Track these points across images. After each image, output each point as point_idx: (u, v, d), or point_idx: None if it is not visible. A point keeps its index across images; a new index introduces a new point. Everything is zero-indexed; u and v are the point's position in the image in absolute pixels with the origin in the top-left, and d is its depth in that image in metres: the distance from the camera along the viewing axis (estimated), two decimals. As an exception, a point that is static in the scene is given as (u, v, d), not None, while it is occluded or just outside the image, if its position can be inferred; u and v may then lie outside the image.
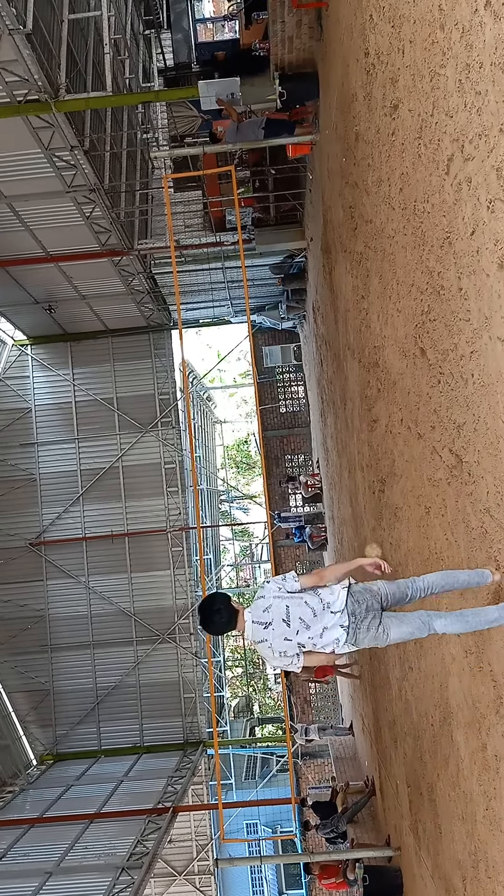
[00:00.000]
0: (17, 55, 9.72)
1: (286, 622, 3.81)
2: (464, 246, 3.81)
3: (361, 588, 3.86)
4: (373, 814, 11.87)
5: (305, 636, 3.79)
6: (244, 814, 22.04)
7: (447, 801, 5.53)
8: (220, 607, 3.91)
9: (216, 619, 3.91)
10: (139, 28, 16.05)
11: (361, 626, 3.78)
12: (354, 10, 6.63)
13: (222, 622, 3.91)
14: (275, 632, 3.83)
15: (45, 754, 20.60)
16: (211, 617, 3.92)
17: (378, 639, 3.82)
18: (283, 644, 3.83)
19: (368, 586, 3.89)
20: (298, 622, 3.79)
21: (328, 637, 3.78)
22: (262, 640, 3.86)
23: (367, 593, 3.83)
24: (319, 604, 3.80)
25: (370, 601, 3.81)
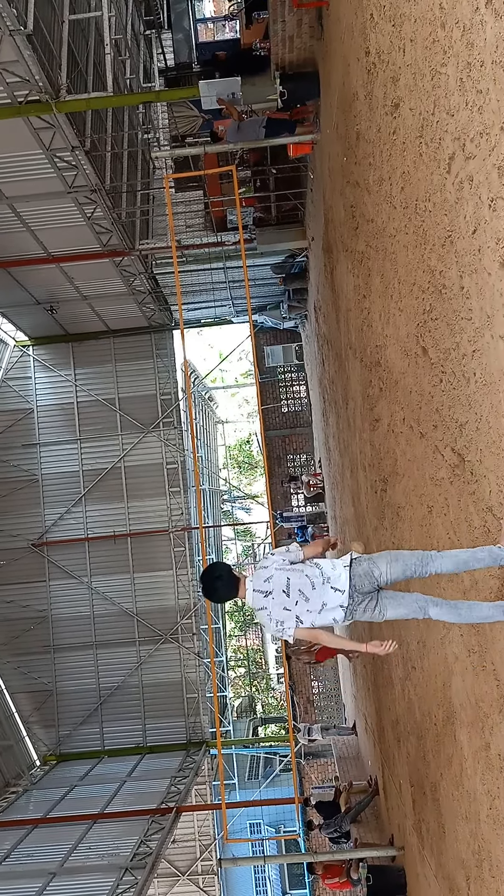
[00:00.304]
0: (18, 56, 9.73)
1: (286, 593, 3.91)
2: (465, 245, 3.80)
3: (363, 572, 3.91)
4: (376, 813, 11.87)
5: (304, 608, 3.89)
6: (247, 814, 22.04)
7: (451, 801, 5.52)
8: (221, 575, 4.01)
9: (218, 586, 4.01)
10: (140, 28, 16.05)
11: (358, 608, 3.89)
12: (355, 9, 6.62)
13: (224, 590, 4.02)
14: (274, 601, 3.92)
15: (48, 755, 20.62)
16: (213, 585, 4.02)
17: (374, 617, 3.94)
18: (281, 613, 3.93)
19: (370, 569, 3.91)
20: (298, 594, 3.89)
21: (326, 616, 3.89)
22: (262, 608, 3.97)
23: (367, 578, 3.89)
24: (319, 577, 3.90)
25: (369, 586, 3.89)
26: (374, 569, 3.90)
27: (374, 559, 3.95)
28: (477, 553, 3.75)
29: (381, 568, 3.90)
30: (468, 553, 3.80)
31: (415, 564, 3.89)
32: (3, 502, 20.55)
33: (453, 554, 3.86)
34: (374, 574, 3.89)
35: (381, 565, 3.91)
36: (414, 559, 3.91)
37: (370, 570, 3.90)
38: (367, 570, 3.90)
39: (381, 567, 3.90)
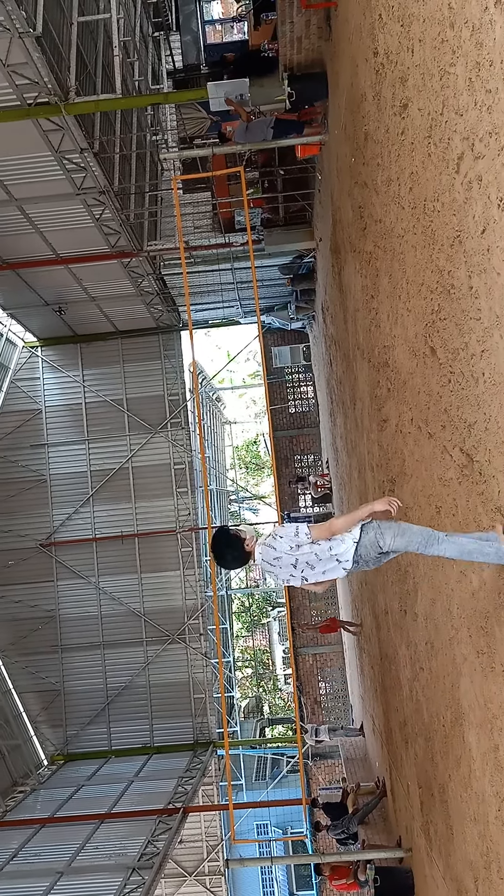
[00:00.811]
0: (27, 58, 9.77)
1: (293, 566, 4.17)
2: (474, 244, 3.80)
3: (369, 542, 4.08)
4: (384, 815, 11.84)
5: (309, 573, 4.16)
6: (255, 814, 22.03)
7: (459, 802, 5.51)
8: (230, 545, 4.18)
9: (228, 557, 4.22)
10: (148, 30, 16.09)
11: (362, 568, 4.22)
12: (363, 10, 6.62)
13: (234, 562, 4.27)
14: (282, 571, 4.20)
15: (55, 754, 20.68)
16: (223, 554, 4.21)
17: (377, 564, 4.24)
18: (288, 577, 4.23)
19: (376, 540, 4.06)
20: (304, 565, 4.15)
21: (330, 575, 4.18)
22: (270, 571, 4.27)
23: (373, 548, 4.09)
24: (327, 552, 4.10)
25: (373, 554, 4.10)
26: (380, 539, 4.06)
27: (383, 530, 4.08)
28: (484, 548, 3.80)
29: (386, 540, 4.06)
30: (475, 545, 3.84)
31: (419, 543, 4.01)
32: (11, 502, 20.64)
33: (460, 543, 3.91)
34: (379, 544, 4.07)
35: (388, 538, 4.06)
36: (419, 537, 4.01)
37: (376, 541, 4.07)
38: (373, 541, 4.07)
39: (386, 539, 4.06)
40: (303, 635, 22.52)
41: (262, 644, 36.10)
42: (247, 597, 35.17)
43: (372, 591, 10.80)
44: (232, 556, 4.18)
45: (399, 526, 4.09)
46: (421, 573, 6.33)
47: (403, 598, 7.48)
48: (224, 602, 25.91)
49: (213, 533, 4.27)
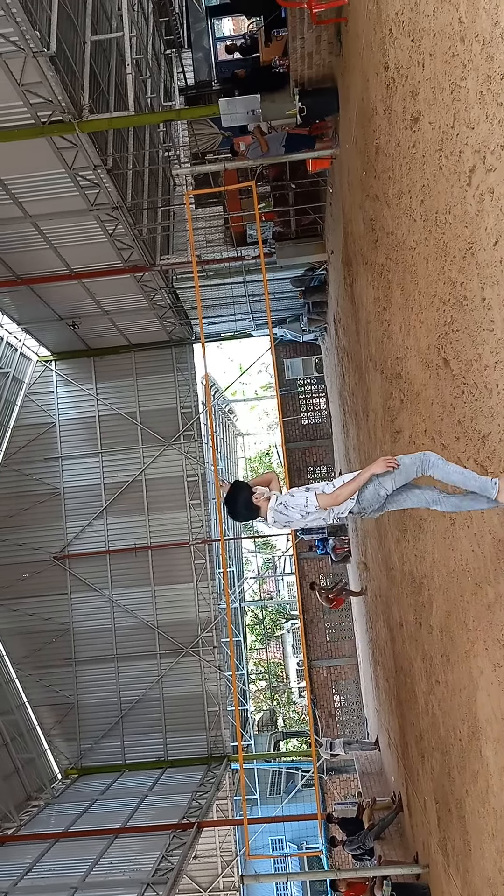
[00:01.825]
0: (42, 77, 9.91)
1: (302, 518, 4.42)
2: (487, 256, 3.81)
3: (370, 495, 4.21)
4: (400, 830, 11.72)
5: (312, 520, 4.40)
6: (269, 830, 21.86)
7: (476, 818, 5.45)
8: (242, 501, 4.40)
9: (240, 511, 4.44)
10: (160, 48, 16.28)
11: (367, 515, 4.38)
12: (374, 25, 6.68)
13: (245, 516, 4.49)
14: (290, 524, 4.46)
15: (69, 768, 20.64)
16: (237, 509, 4.45)
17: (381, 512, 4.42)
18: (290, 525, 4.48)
19: (377, 491, 4.19)
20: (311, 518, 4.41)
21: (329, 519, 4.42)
22: (275, 522, 4.47)
23: (374, 499, 4.22)
24: (329, 514, 4.36)
25: (377, 504, 4.26)
26: (381, 489, 4.20)
27: (381, 480, 4.19)
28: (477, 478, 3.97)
29: (387, 486, 4.19)
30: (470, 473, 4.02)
31: (417, 468, 4.15)
32: (25, 515, 20.73)
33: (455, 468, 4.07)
34: (381, 494, 4.21)
35: (388, 484, 4.19)
36: (416, 464, 4.15)
37: (377, 492, 4.20)
38: (373, 493, 4.21)
39: (387, 485, 4.19)
40: (317, 648, 22.41)
41: (275, 657, 35.93)
42: (260, 609, 35.05)
43: (386, 604, 10.74)
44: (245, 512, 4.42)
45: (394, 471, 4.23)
46: (436, 585, 6.29)
47: (418, 610, 7.44)
48: (237, 614, 25.83)
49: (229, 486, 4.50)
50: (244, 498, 4.39)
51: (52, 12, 9.80)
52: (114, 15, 12.71)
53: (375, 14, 6.53)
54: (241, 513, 4.44)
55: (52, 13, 9.79)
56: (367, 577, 13.94)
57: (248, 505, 4.38)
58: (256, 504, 4.36)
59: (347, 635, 22.22)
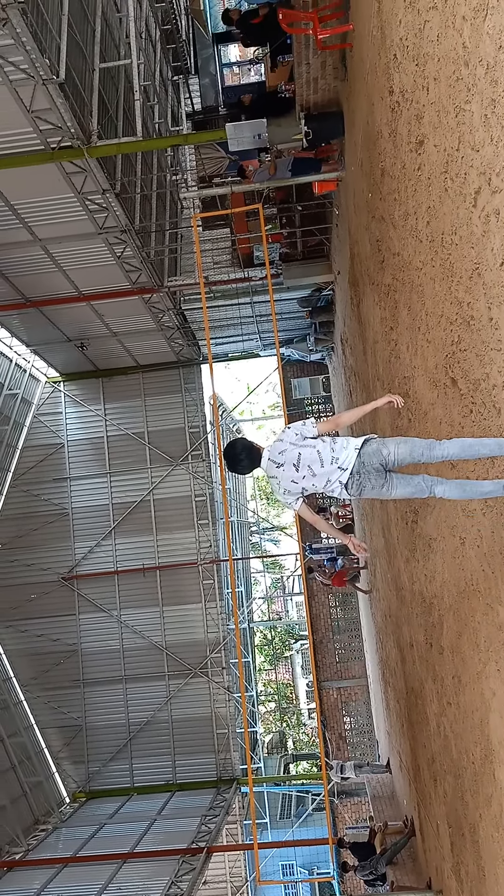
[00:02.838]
0: (51, 104, 10.08)
1: (296, 467, 4.20)
2: (493, 277, 3.83)
3: (372, 451, 4.11)
4: (413, 855, 11.53)
5: (310, 482, 4.20)
6: (280, 854, 21.55)
7: (491, 843, 5.37)
8: (243, 448, 4.35)
9: (242, 458, 4.33)
10: (168, 74, 16.55)
11: (366, 484, 4.12)
12: (378, 50, 6.78)
13: (247, 462, 4.35)
14: (285, 473, 4.22)
15: (77, 792, 20.46)
16: (237, 458, 4.33)
17: (382, 493, 4.17)
18: (289, 484, 4.25)
19: (379, 448, 4.10)
20: (307, 469, 4.18)
21: (330, 488, 4.20)
22: (273, 477, 4.29)
23: (376, 457, 4.09)
24: (329, 455, 4.15)
25: (377, 465, 4.09)
26: (383, 448, 4.10)
27: (385, 440, 4.13)
28: (485, 440, 3.89)
29: (389, 447, 4.09)
30: (476, 439, 3.95)
31: (423, 447, 4.06)
32: (33, 536, 20.75)
33: (461, 441, 4.00)
34: (383, 453, 4.09)
35: (390, 445, 4.11)
36: (422, 445, 4.07)
37: (378, 449, 4.10)
38: (375, 449, 4.11)
39: (389, 447, 4.10)
40: (326, 668, 22.22)
41: (285, 678, 35.64)
42: (269, 630, 34.84)
43: (396, 624, 10.67)
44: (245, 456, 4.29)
45: (400, 437, 4.20)
46: (446, 605, 6.25)
47: (429, 630, 7.38)
48: (246, 635, 25.68)
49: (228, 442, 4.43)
50: (243, 444, 4.33)
51: (62, 40, 10.00)
52: (122, 42, 12.95)
53: (380, 39, 6.64)
54: (241, 460, 4.31)
55: (61, 41, 10.00)
56: (377, 598, 13.86)
57: (249, 450, 4.30)
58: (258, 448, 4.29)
59: (357, 656, 22.05)
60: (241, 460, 4.32)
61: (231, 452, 4.36)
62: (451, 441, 4.03)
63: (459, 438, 4.07)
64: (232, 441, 4.41)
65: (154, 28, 15.23)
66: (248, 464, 4.33)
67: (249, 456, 4.31)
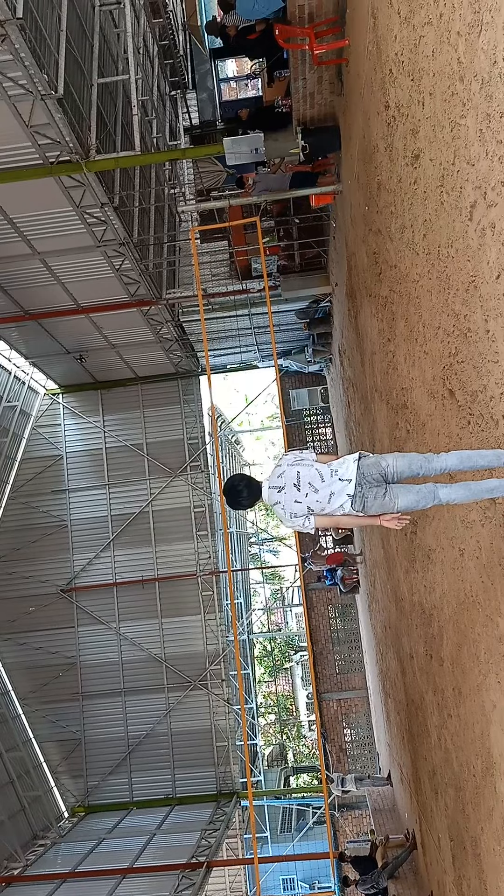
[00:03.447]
0: (50, 119, 10.15)
1: (297, 486, 4.15)
2: (489, 289, 3.86)
3: (371, 462, 4.11)
4: (414, 869, 11.45)
5: (314, 499, 4.12)
6: (280, 869, 21.38)
7: (492, 856, 5.34)
8: (243, 485, 4.28)
9: (244, 495, 4.27)
10: (165, 89, 16.68)
11: (368, 496, 4.06)
12: (374, 66, 6.85)
13: (249, 498, 4.29)
14: (287, 495, 4.17)
15: (76, 806, 20.31)
16: (238, 495, 4.27)
17: (386, 506, 4.09)
18: (293, 506, 4.17)
19: (378, 461, 4.11)
20: (307, 486, 4.13)
21: (335, 502, 4.09)
22: (277, 503, 4.21)
23: (375, 468, 4.08)
24: (328, 469, 4.14)
25: (377, 475, 4.08)
26: (382, 461, 4.11)
27: (382, 455, 4.16)
28: (482, 451, 3.92)
29: (387, 460, 4.10)
30: (474, 451, 3.97)
31: (420, 460, 4.08)
32: (32, 548, 20.71)
33: (458, 452, 4.03)
34: (382, 465, 4.09)
35: (388, 458, 4.12)
36: (420, 457, 4.10)
37: (377, 461, 4.12)
38: (374, 461, 4.12)
39: (387, 459, 4.11)
40: (326, 680, 22.13)
41: (285, 689, 35.48)
42: (269, 641, 34.71)
43: (396, 635, 10.64)
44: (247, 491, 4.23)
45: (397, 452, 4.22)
46: (446, 616, 6.25)
47: (429, 642, 7.37)
48: (246, 646, 25.58)
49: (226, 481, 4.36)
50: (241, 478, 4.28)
51: (60, 56, 10.08)
52: (120, 58, 13.05)
53: (376, 55, 6.70)
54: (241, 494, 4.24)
55: (59, 57, 10.07)
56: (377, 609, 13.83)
57: (248, 484, 4.24)
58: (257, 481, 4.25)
59: (357, 667, 21.97)
60: (242, 494, 4.25)
61: (231, 488, 4.30)
62: (450, 454, 4.05)
63: (457, 451, 4.09)
64: (230, 478, 4.33)
65: (152, 44, 15.36)
66: (248, 497, 4.27)
67: (249, 489, 4.25)
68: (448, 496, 4.02)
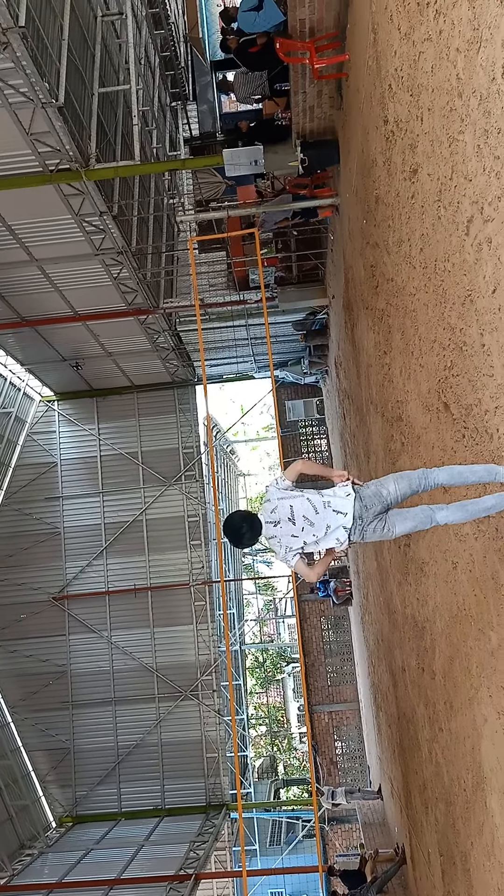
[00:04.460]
0: (50, 127, 10.19)
1: (291, 521, 4.08)
2: (486, 304, 3.88)
3: (371, 493, 4.03)
4: (403, 883, 11.37)
5: (310, 533, 4.04)
6: (269, 882, 21.21)
7: (482, 872, 5.31)
8: (243, 522, 4.19)
9: (244, 532, 4.18)
10: (166, 100, 16.78)
11: (367, 529, 4.03)
12: (374, 80, 6.90)
13: (250, 535, 4.20)
14: (283, 530, 4.09)
15: (64, 816, 20.13)
16: (240, 533, 4.19)
17: (384, 535, 4.08)
18: (290, 540, 4.10)
19: (378, 490, 4.03)
20: (302, 520, 4.05)
21: (331, 537, 4.02)
22: (273, 537, 4.15)
23: (377, 498, 4.01)
24: (320, 500, 4.04)
25: (379, 508, 4.01)
26: (382, 489, 4.03)
27: (381, 481, 4.09)
28: (474, 467, 3.91)
29: (388, 487, 4.03)
30: (465, 466, 3.97)
31: (418, 478, 4.04)
32: (24, 555, 20.62)
33: (449, 467, 4.04)
34: (383, 494, 4.02)
35: (389, 485, 4.05)
36: (416, 474, 4.06)
37: (378, 491, 4.03)
38: (375, 492, 4.03)
39: (388, 487, 4.04)
40: (318, 692, 22.04)
41: (276, 701, 35.32)
42: (261, 652, 34.58)
43: (388, 648, 10.62)
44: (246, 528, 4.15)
45: (394, 474, 4.15)
46: (438, 630, 6.24)
47: (421, 655, 7.36)
48: (238, 657, 25.49)
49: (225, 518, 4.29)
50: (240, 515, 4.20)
51: (61, 65, 10.14)
52: (121, 68, 13.14)
53: (375, 70, 6.76)
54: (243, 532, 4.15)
55: (61, 66, 10.14)
56: (369, 622, 13.79)
57: (249, 520, 4.15)
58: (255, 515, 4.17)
59: (349, 679, 21.89)
60: (244, 532, 4.17)
61: (231, 527, 4.22)
62: (442, 469, 4.07)
63: (448, 466, 4.10)
64: (229, 516, 4.25)
65: (153, 55, 15.46)
66: (250, 533, 4.17)
67: (250, 525, 4.15)
68: (446, 518, 4.00)
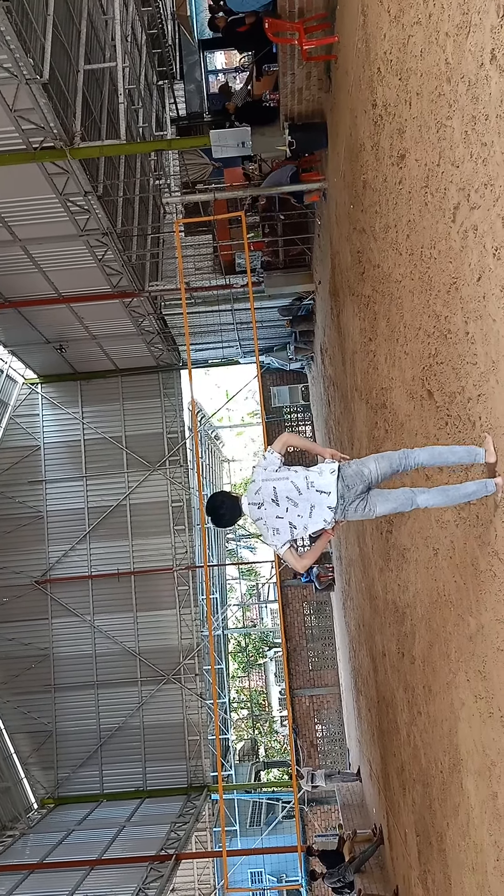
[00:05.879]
0: (34, 104, 10.02)
1: (275, 502, 4.11)
2: (470, 291, 3.88)
3: (353, 472, 4.06)
4: (381, 863, 11.56)
5: (294, 514, 4.08)
6: (248, 862, 21.47)
7: (457, 851, 5.40)
8: (224, 502, 4.30)
9: (224, 512, 4.28)
10: (153, 79, 16.55)
11: (349, 508, 4.07)
12: (363, 63, 6.85)
13: (230, 515, 4.30)
14: (267, 511, 4.13)
15: (46, 798, 20.21)
16: (220, 512, 4.28)
17: (366, 515, 4.13)
18: (276, 521, 4.13)
19: (360, 469, 4.07)
20: (286, 500, 4.08)
21: (317, 516, 4.06)
22: (259, 519, 4.19)
23: (358, 477, 4.05)
24: (304, 481, 4.06)
25: (361, 487, 4.05)
26: (364, 468, 4.07)
27: (363, 461, 4.12)
28: (455, 448, 3.94)
29: (370, 467, 4.07)
30: (446, 447, 4.01)
31: (399, 458, 4.10)
32: (7, 539, 20.53)
33: (430, 447, 4.09)
34: (365, 473, 4.05)
35: (370, 464, 4.09)
36: (397, 455, 4.12)
37: (360, 470, 4.07)
38: (357, 471, 4.07)
39: (370, 466, 4.07)
40: (299, 676, 22.22)
41: (258, 685, 35.58)
42: (244, 637, 34.77)
43: (370, 633, 10.71)
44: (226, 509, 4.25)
45: (376, 454, 4.20)
46: (419, 615, 6.30)
47: (401, 640, 7.43)
48: (220, 642, 25.61)
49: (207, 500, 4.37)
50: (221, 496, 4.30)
51: (46, 41, 9.95)
52: (107, 45, 12.93)
53: (364, 53, 6.70)
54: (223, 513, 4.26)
55: (46, 41, 9.95)
56: (351, 607, 13.89)
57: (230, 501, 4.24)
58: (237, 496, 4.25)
59: (330, 664, 22.08)
60: (223, 513, 4.27)
61: (212, 507, 4.31)
62: (423, 449, 4.12)
63: (430, 447, 4.13)
64: (211, 497, 4.34)
65: (140, 32, 15.23)
66: (229, 514, 4.27)
67: (231, 506, 4.24)
68: (426, 502, 4.05)
